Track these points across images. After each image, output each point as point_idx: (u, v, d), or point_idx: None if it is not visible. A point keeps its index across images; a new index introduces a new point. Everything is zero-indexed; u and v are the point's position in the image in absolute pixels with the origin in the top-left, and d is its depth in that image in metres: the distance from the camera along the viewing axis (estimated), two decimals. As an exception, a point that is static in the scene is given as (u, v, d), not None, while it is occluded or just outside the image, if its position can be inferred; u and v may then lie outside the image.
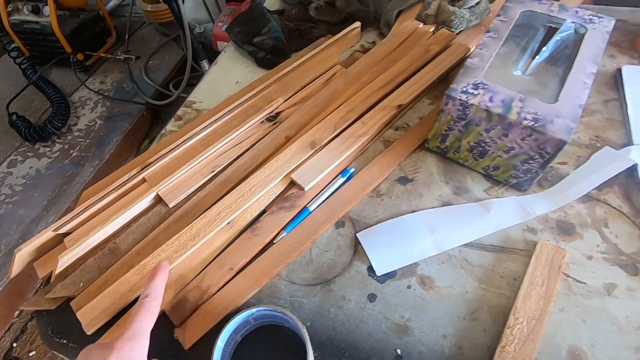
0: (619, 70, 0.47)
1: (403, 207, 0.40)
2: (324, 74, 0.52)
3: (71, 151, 1.27)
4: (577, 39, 0.40)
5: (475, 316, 0.32)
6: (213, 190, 0.42)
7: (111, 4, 1.84)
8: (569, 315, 0.31)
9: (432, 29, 0.55)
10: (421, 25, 0.55)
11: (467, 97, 0.36)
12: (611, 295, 0.32)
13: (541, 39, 0.42)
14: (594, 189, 0.38)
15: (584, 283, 0.33)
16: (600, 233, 0.36)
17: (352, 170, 0.43)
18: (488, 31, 0.42)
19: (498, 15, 0.44)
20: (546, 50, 0.40)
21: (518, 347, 0.30)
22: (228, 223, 0.39)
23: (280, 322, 0.33)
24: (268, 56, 0.56)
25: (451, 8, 0.53)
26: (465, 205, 0.39)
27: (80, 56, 1.46)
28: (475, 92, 0.36)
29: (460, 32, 0.54)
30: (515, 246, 0.36)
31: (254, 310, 0.30)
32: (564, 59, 0.39)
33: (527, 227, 0.37)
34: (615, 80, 0.48)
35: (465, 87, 0.37)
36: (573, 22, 0.41)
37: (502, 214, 0.38)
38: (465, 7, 0.53)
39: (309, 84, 0.51)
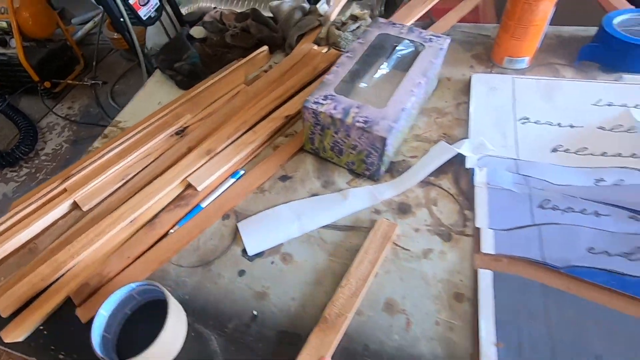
0: (470, 78, 0.56)
1: (280, 200, 0.47)
2: (229, 92, 0.61)
3: (38, 174, 1.32)
4: (415, 55, 0.49)
5: (320, 282, 0.39)
6: (122, 195, 0.49)
7: (79, 33, 1.92)
8: (391, 275, 0.39)
9: (324, 50, 0.63)
10: (315, 47, 0.64)
11: (317, 107, 0.44)
12: (427, 258, 0.40)
13: (387, 56, 0.50)
14: (430, 175, 0.46)
15: (408, 250, 0.41)
16: (430, 210, 0.43)
17: (242, 172, 0.50)
18: (347, 52, 0.50)
19: (358, 38, 0.52)
20: (385, 66, 0.48)
21: (345, 301, 0.37)
22: (131, 221, 0.46)
23: (162, 297, 0.40)
24: (185, 79, 0.64)
25: (337, 32, 0.62)
26: (329, 195, 0.46)
27: (47, 84, 1.53)
28: (324, 102, 0.44)
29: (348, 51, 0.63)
30: (362, 225, 0.43)
31: (133, 285, 0.37)
32: (401, 72, 0.48)
33: (375, 209, 0.45)
34: (469, 87, 0.56)
35: (317, 99, 0.45)
36: (411, 41, 0.50)
37: (356, 200, 0.45)
38: (348, 30, 0.62)
39: (215, 102, 0.59)
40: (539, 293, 0.35)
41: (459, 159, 0.47)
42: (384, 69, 0.48)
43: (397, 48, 0.49)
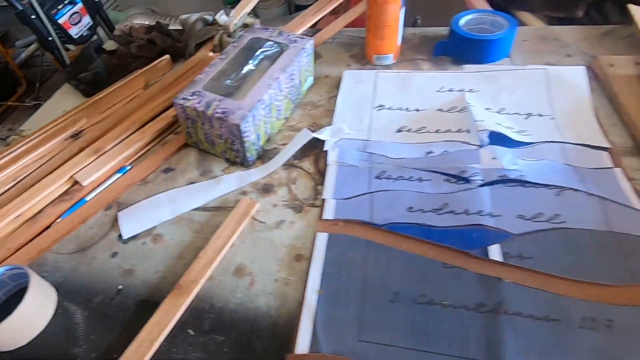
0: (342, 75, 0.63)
1: (160, 189, 0.51)
2: (127, 97, 0.65)
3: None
4: (279, 54, 0.55)
5: (183, 256, 0.44)
6: (12, 194, 0.52)
7: (23, 55, 1.91)
8: (245, 245, 0.44)
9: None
10: (211, 53, 0.69)
11: (184, 102, 0.49)
12: (278, 228, 0.45)
13: (253, 56, 0.56)
14: (295, 159, 0.52)
15: (264, 222, 0.45)
16: (289, 188, 0.49)
17: (129, 167, 0.54)
18: (221, 54, 0.56)
19: (234, 42, 0.58)
20: (251, 65, 0.54)
21: (199, 269, 0.41)
22: (17, 217, 0.49)
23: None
24: (89, 88, 0.68)
25: (227, 39, 0.68)
26: (204, 182, 0.51)
27: (-16, 107, 1.51)
28: (191, 98, 0.49)
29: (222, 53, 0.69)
30: (229, 205, 0.48)
31: (1, 269, 0.40)
32: (264, 70, 0.53)
33: (242, 191, 0.49)
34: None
35: (185, 95, 0.50)
36: (277, 43, 0.56)
37: (227, 184, 0.50)
38: (237, 37, 0.67)
39: (112, 106, 0.63)
40: (362, 248, 0.40)
41: (322, 143, 0.53)
42: (249, 67, 0.53)
43: (261, 49, 0.55)
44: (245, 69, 0.53)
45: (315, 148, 0.53)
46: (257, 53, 0.55)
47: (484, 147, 0.46)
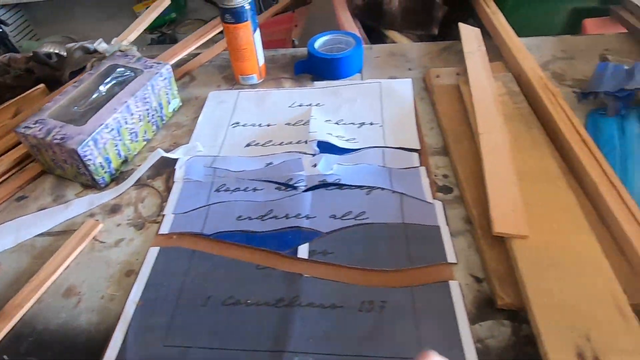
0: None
1: (9, 218, 0.51)
2: (-7, 128, 0.64)
3: None
4: (132, 79, 0.57)
5: (18, 283, 0.43)
6: None
7: None
8: (80, 266, 0.44)
9: (93, 83, 0.70)
10: (85, 80, 0.70)
11: (25, 130, 0.50)
12: (117, 246, 0.46)
13: (105, 83, 0.57)
14: (148, 178, 0.53)
15: (104, 242, 0.46)
16: (136, 207, 0.50)
17: (-21, 198, 0.53)
18: (75, 81, 0.57)
19: (90, 70, 0.59)
20: (102, 91, 0.55)
21: (27, 294, 0.41)
22: None
23: None
24: (-47, 121, 0.66)
25: (99, 66, 0.69)
26: (53, 207, 0.51)
27: None
28: (34, 126, 0.50)
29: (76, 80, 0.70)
30: (74, 228, 0.48)
31: None
32: (112, 95, 0.55)
33: (91, 213, 0.50)
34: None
35: (28, 124, 0.50)
36: (132, 69, 0.58)
37: (76, 208, 0.50)
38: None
39: (-26, 138, 0.62)
40: (188, 258, 0.42)
41: (176, 162, 0.55)
42: (99, 93, 0.55)
43: (113, 75, 0.57)
44: (95, 95, 0.55)
45: (169, 167, 0.55)
46: (109, 79, 0.57)
47: (307, 156, 0.51)
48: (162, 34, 1.82)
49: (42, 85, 0.73)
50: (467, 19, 0.96)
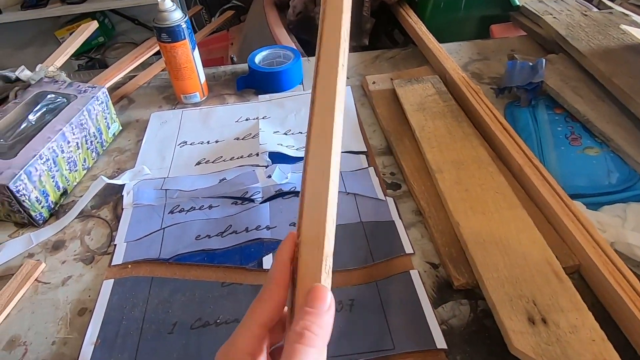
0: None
1: None
2: None
3: None
4: (65, 106, 0.52)
5: (-55, 342, 0.37)
6: None
7: None
8: (24, 312, 0.39)
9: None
10: (8, 111, 0.63)
11: (-60, 171, 0.43)
12: (64, 285, 0.41)
13: (34, 111, 0.52)
14: (93, 208, 0.49)
15: (49, 283, 0.41)
16: (82, 240, 0.46)
17: None
18: (-2, 113, 0.51)
19: (15, 98, 0.53)
20: (31, 120, 0.50)
21: (-41, 355, 0.35)
22: None
23: None
24: None
25: (23, 95, 0.62)
26: (3, 252, 0.45)
27: None
28: (-50, 165, 0.44)
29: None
30: (12, 272, 0.43)
31: None
32: (44, 123, 0.50)
33: (29, 253, 0.45)
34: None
35: (-58, 163, 0.44)
36: (63, 95, 0.53)
37: (10, 250, 0.45)
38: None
39: None
40: (147, 286, 0.39)
41: (123, 188, 0.51)
42: (28, 123, 0.49)
43: (43, 102, 0.51)
44: (23, 125, 0.49)
45: (116, 194, 0.51)
46: (38, 107, 0.51)
47: (261, 167, 0.50)
48: (90, 59, 1.70)
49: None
50: (393, 30, 1.02)
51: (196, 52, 0.61)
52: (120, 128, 0.61)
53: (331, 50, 0.28)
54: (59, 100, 0.53)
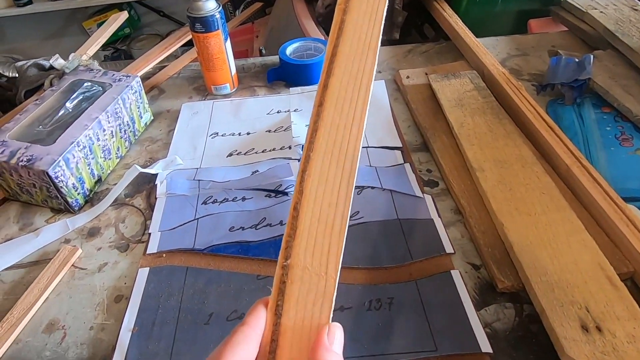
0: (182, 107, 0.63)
1: (-31, 253, 0.45)
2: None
3: None
4: (100, 94, 0.52)
5: (-13, 323, 0.38)
6: None
7: None
8: (61, 296, 0.40)
9: (52, 101, 0.64)
10: (43, 99, 0.64)
11: (-17, 155, 0.44)
12: (100, 271, 0.42)
13: (71, 99, 0.52)
14: (126, 197, 0.49)
15: (86, 269, 0.42)
16: (116, 228, 0.46)
17: None
18: (37, 99, 0.52)
19: (52, 85, 0.54)
20: (69, 108, 0.50)
21: (0, 335, 0.36)
22: None
23: None
24: None
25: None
26: (21, 237, 0.46)
27: None
28: (-7, 149, 0.45)
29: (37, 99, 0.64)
30: (49, 257, 0.43)
31: None
32: (81, 111, 0.50)
33: (66, 239, 0.45)
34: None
35: (-15, 147, 0.45)
36: (99, 83, 0.54)
37: (48, 235, 0.45)
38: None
39: None
40: (182, 275, 0.39)
41: (156, 177, 0.51)
42: (66, 110, 0.50)
43: (79, 90, 0.52)
44: (61, 112, 0.50)
45: (149, 183, 0.51)
46: (75, 95, 0.52)
47: (294, 160, 0.49)
48: (116, 50, 1.72)
49: (-7, 107, 0.65)
50: (423, 24, 1.00)
51: (228, 43, 0.61)
52: (152, 118, 0.61)
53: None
54: (94, 88, 0.54)
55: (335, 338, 0.20)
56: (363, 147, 0.51)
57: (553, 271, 0.34)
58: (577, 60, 0.54)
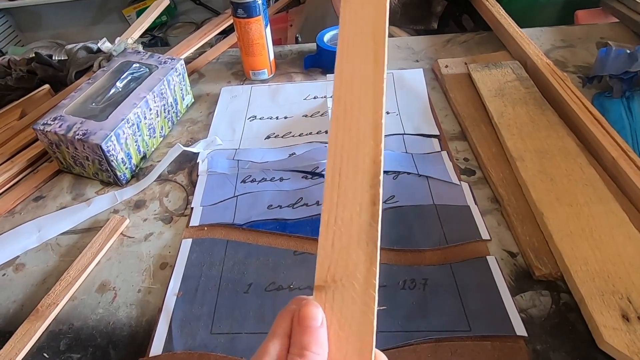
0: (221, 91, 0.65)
1: (28, 218, 0.49)
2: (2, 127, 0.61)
3: None
4: (147, 75, 0.55)
5: (46, 281, 0.42)
6: None
7: None
8: (111, 261, 0.43)
9: (100, 82, 0.68)
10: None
11: (44, 127, 0.48)
12: (147, 240, 0.45)
13: (121, 79, 0.56)
14: (170, 173, 0.52)
15: (133, 237, 0.45)
16: (160, 202, 0.49)
17: (-6, 199, 0.51)
18: (89, 78, 0.55)
19: (101, 66, 0.58)
20: (119, 87, 0.54)
21: (59, 292, 0.40)
22: None
23: None
24: (-44, 124, 0.63)
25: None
26: (74, 206, 0.49)
27: None
28: (52, 123, 0.48)
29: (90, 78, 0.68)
30: (99, 225, 0.47)
31: None
32: (130, 90, 0.53)
33: (114, 210, 0.49)
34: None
35: (46, 120, 0.49)
36: (146, 65, 0.57)
37: (98, 205, 0.49)
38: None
39: (-19, 140, 0.59)
40: (222, 248, 0.42)
41: (197, 156, 0.54)
42: (116, 89, 0.53)
43: (128, 71, 0.55)
44: (112, 91, 0.53)
45: (190, 161, 0.54)
46: (124, 75, 0.55)
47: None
48: (153, 37, 1.79)
49: (47, 86, 0.70)
50: (462, 15, 0.99)
51: (268, 29, 0.63)
52: (193, 100, 0.64)
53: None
54: (142, 69, 0.57)
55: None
56: (399, 134, 0.52)
57: (594, 261, 0.34)
58: (628, 51, 0.52)
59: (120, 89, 0.54)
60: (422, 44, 0.71)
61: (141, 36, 1.99)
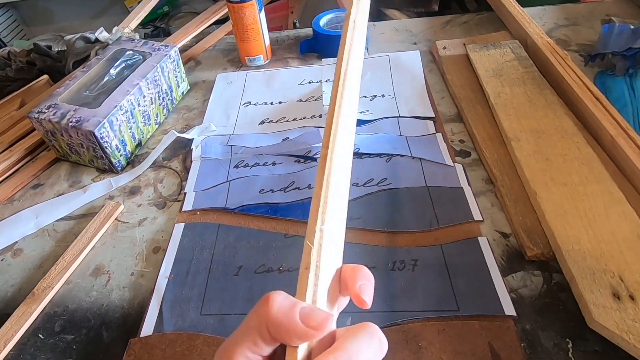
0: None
1: (26, 205, 0.50)
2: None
3: None
4: (141, 62, 0.56)
5: (43, 266, 0.43)
6: None
7: None
8: (106, 245, 0.44)
9: (97, 71, 0.69)
10: (89, 69, 0.69)
11: (38, 115, 0.48)
12: (140, 225, 0.45)
13: (114, 66, 0.56)
14: (164, 159, 0.53)
15: (127, 223, 0.46)
16: (155, 187, 0.49)
17: (-6, 187, 0.52)
18: (84, 67, 0.56)
19: (97, 55, 0.58)
20: (112, 75, 0.54)
21: (55, 275, 0.41)
22: None
23: None
24: (-43, 115, 0.65)
25: (103, 53, 0.68)
26: (71, 193, 0.50)
27: None
28: (47, 111, 0.49)
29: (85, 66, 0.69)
30: (95, 211, 0.48)
31: None
32: (123, 78, 0.54)
33: (110, 196, 0.49)
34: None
35: (40, 109, 0.49)
36: (140, 52, 0.57)
37: (94, 191, 0.50)
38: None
39: (-19, 130, 0.61)
40: (214, 231, 0.42)
41: (192, 142, 0.54)
42: (110, 77, 0.54)
43: (122, 58, 0.55)
44: (105, 78, 0.54)
45: (185, 148, 0.54)
46: (118, 63, 0.55)
47: (323, 128, 0.50)
48: (156, 28, 1.79)
49: (45, 76, 0.71)
50: (464, -5, 0.96)
51: (262, 14, 0.63)
52: (189, 87, 0.64)
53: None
54: (136, 56, 0.57)
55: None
56: (394, 117, 0.51)
57: (587, 240, 0.33)
58: (632, 27, 0.51)
59: (113, 77, 0.55)
60: (420, 26, 0.70)
61: (143, 27, 1.99)
